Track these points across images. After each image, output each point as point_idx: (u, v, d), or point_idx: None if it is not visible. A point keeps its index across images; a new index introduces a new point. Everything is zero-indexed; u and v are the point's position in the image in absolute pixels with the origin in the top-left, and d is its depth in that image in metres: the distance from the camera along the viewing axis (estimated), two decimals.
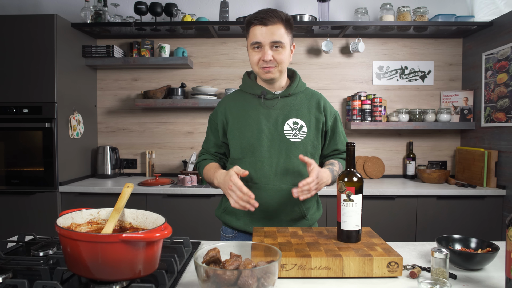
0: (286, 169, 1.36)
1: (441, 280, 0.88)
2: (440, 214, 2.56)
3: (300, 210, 1.39)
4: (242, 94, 1.46)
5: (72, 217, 0.98)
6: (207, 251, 0.86)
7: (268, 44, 1.28)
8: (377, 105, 2.89)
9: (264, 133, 1.36)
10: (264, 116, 1.38)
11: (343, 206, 1.06)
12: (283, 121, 1.37)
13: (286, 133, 1.37)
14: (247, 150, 1.37)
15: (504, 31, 2.55)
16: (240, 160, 1.39)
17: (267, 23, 1.27)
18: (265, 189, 1.36)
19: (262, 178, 1.36)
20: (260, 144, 1.36)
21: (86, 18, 2.89)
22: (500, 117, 2.58)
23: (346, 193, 1.05)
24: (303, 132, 1.38)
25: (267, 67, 1.31)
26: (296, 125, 1.38)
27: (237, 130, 1.40)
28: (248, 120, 1.39)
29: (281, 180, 1.36)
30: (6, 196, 2.60)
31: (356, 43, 2.96)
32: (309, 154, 1.38)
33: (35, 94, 2.57)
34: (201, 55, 3.16)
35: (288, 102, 1.40)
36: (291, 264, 0.97)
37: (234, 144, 1.40)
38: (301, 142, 1.37)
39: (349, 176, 1.07)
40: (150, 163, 3.14)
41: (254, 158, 1.36)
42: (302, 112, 1.40)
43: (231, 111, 1.43)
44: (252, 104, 1.41)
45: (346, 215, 1.06)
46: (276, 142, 1.36)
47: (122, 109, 3.20)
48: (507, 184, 2.52)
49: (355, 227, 1.07)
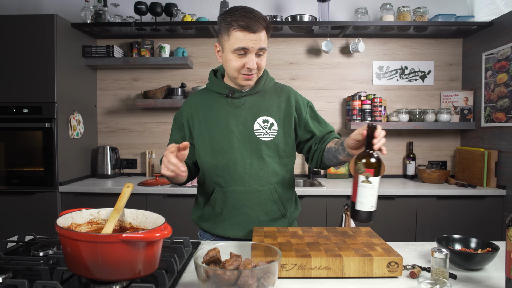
0: (261, 169, 1.32)
1: (441, 280, 0.88)
2: (440, 214, 2.56)
3: (279, 209, 1.36)
4: (209, 93, 1.40)
5: (72, 217, 0.98)
6: (207, 251, 0.86)
7: (255, 52, 1.23)
8: (377, 105, 2.89)
9: (234, 134, 1.32)
10: (233, 116, 1.33)
11: (360, 187, 1.04)
12: (252, 120, 1.33)
13: (256, 132, 1.32)
14: (218, 152, 1.33)
15: (504, 31, 2.55)
16: (210, 164, 1.34)
17: (255, 30, 1.20)
18: (241, 191, 1.32)
19: (237, 181, 1.32)
20: (231, 146, 1.31)
21: (86, 18, 2.89)
22: (500, 117, 2.58)
23: (365, 175, 1.02)
24: (273, 130, 1.33)
25: (249, 75, 1.26)
26: (266, 123, 1.33)
27: (205, 132, 1.34)
28: (216, 121, 1.34)
29: (257, 181, 1.32)
30: (6, 196, 2.60)
31: (356, 43, 2.96)
32: (281, 151, 1.34)
33: (35, 94, 2.57)
34: (201, 55, 3.16)
35: (257, 100, 1.35)
36: (291, 264, 0.97)
37: (204, 147, 1.34)
38: (272, 141, 1.33)
39: (368, 157, 1.04)
40: (150, 163, 3.14)
41: (227, 161, 1.32)
42: (272, 109, 1.35)
43: (198, 111, 1.37)
44: (219, 103, 1.35)
45: (362, 196, 1.04)
46: (247, 142, 1.32)
47: (122, 109, 3.20)
48: (507, 184, 2.52)
49: (370, 208, 1.05)
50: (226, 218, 1.35)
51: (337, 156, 1.26)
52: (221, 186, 1.34)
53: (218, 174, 1.34)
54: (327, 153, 1.32)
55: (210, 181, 1.37)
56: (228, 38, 1.23)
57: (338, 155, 1.26)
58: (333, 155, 1.28)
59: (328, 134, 1.41)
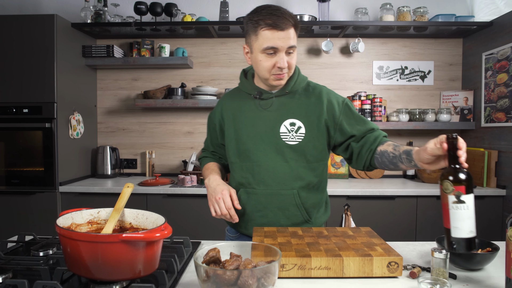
0: (284, 173, 1.30)
1: (441, 280, 0.88)
2: (440, 214, 2.55)
3: (302, 214, 1.33)
4: (239, 93, 1.40)
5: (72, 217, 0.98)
6: (207, 251, 0.86)
7: (285, 50, 1.20)
8: (377, 105, 2.89)
9: (260, 136, 1.30)
10: (260, 118, 1.31)
11: (453, 209, 0.91)
12: (279, 123, 1.30)
13: (282, 135, 1.29)
14: (244, 154, 1.33)
15: (504, 31, 2.55)
16: (238, 164, 1.35)
17: (284, 27, 1.16)
18: (263, 194, 1.31)
19: (260, 183, 1.31)
20: (256, 148, 1.30)
21: (86, 18, 2.89)
22: (500, 117, 2.58)
23: (455, 194, 0.90)
24: (300, 134, 1.29)
25: (280, 74, 1.23)
26: (293, 127, 1.29)
27: (233, 133, 1.35)
28: (244, 122, 1.33)
29: (279, 185, 1.30)
30: (6, 196, 2.60)
31: (356, 43, 2.96)
32: (309, 156, 1.30)
33: (35, 94, 2.57)
34: (201, 55, 3.16)
35: (285, 102, 1.31)
36: (291, 264, 0.97)
37: (231, 148, 1.36)
38: (298, 145, 1.29)
39: (455, 173, 0.91)
40: (150, 163, 3.14)
41: (251, 163, 1.32)
42: (300, 112, 1.30)
43: (227, 112, 1.38)
44: (248, 105, 1.35)
45: (457, 219, 0.90)
46: (273, 145, 1.29)
47: (122, 109, 3.20)
48: (507, 184, 2.52)
49: (469, 234, 0.90)
50: (248, 219, 1.36)
51: (397, 163, 1.18)
52: (245, 187, 1.35)
53: (243, 175, 1.35)
54: (380, 157, 1.23)
55: (236, 180, 1.38)
56: (256, 38, 1.20)
57: (399, 164, 1.17)
58: (391, 161, 1.20)
59: (370, 132, 1.30)
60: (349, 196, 2.53)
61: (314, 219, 1.36)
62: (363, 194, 2.52)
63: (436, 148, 0.98)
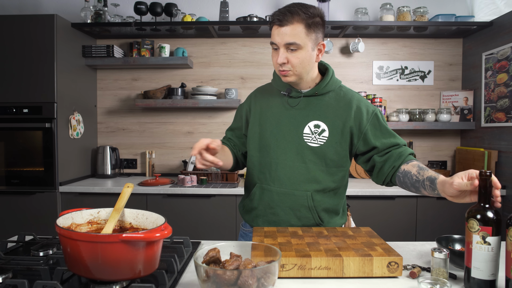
0: (300, 174, 1.29)
1: (441, 280, 0.88)
2: (440, 214, 2.56)
3: (314, 217, 1.31)
4: (271, 88, 1.40)
5: (72, 217, 0.98)
6: (207, 251, 0.86)
7: (283, 46, 1.20)
8: (377, 105, 2.89)
9: (283, 134, 1.30)
10: (286, 116, 1.31)
11: (476, 249, 0.88)
12: (303, 123, 1.29)
13: (305, 136, 1.28)
14: (264, 149, 1.33)
15: (504, 31, 2.55)
16: (257, 158, 1.36)
17: (283, 23, 1.17)
18: (277, 192, 1.31)
19: (275, 181, 1.31)
20: (277, 145, 1.31)
21: (86, 18, 2.89)
22: (500, 117, 2.58)
23: (480, 234, 0.87)
24: (323, 137, 1.27)
25: (283, 71, 1.23)
26: (317, 129, 1.28)
27: (257, 126, 1.36)
28: (270, 118, 1.33)
29: (294, 185, 1.30)
30: (6, 196, 2.60)
31: (356, 43, 2.96)
32: (329, 161, 1.28)
33: (35, 94, 2.57)
34: (201, 55, 3.16)
35: (313, 102, 1.30)
36: (291, 264, 0.97)
37: (253, 141, 1.37)
38: (319, 148, 1.27)
39: (483, 213, 0.88)
40: (150, 163, 3.14)
41: (270, 159, 1.32)
42: (327, 114, 1.28)
43: (256, 105, 1.39)
44: (276, 101, 1.35)
45: (479, 260, 0.88)
46: (294, 145, 1.29)
47: (122, 109, 3.21)
48: (507, 184, 2.52)
49: (490, 276, 0.88)
50: (260, 214, 1.36)
51: (419, 188, 1.14)
52: (261, 182, 1.35)
53: (260, 171, 1.35)
54: (403, 177, 1.19)
55: (253, 175, 1.38)
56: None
57: (422, 189, 1.13)
58: (413, 184, 1.16)
59: (395, 147, 1.27)
60: (349, 196, 2.53)
61: (326, 223, 1.34)
62: (363, 194, 2.52)
63: (464, 184, 0.94)
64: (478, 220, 0.88)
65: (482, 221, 0.87)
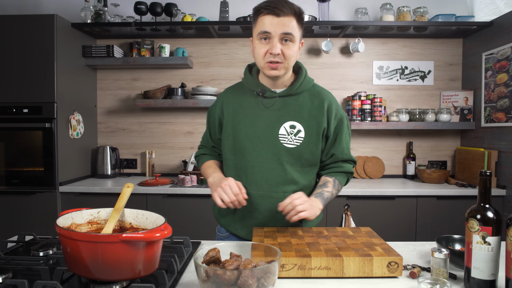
0: (278, 175, 1.27)
1: (441, 280, 0.88)
2: (440, 214, 2.56)
3: None
4: (243, 88, 1.36)
5: (72, 217, 0.98)
6: (207, 251, 0.86)
7: (278, 36, 1.17)
8: (377, 105, 2.90)
9: (258, 136, 1.27)
10: (261, 117, 1.28)
11: (476, 249, 0.88)
12: (278, 124, 1.27)
13: (280, 137, 1.27)
14: (239, 152, 1.30)
15: (504, 31, 2.55)
16: (232, 162, 1.33)
17: (280, 13, 1.16)
18: (255, 195, 1.29)
19: (252, 184, 1.29)
20: (253, 148, 1.28)
21: (86, 18, 2.89)
22: (500, 117, 2.58)
23: (480, 235, 0.88)
24: (299, 138, 1.27)
25: (274, 63, 1.20)
26: (292, 129, 1.27)
27: (231, 129, 1.31)
28: (244, 119, 1.30)
29: (271, 187, 1.28)
30: (6, 196, 2.60)
31: (356, 43, 2.96)
32: (304, 161, 1.29)
33: (35, 94, 2.57)
34: (201, 55, 3.16)
35: (288, 103, 1.28)
36: (291, 264, 0.97)
37: (227, 144, 1.33)
38: (296, 149, 1.27)
39: (483, 213, 0.89)
40: (150, 163, 3.14)
41: (246, 162, 1.29)
42: (302, 115, 1.27)
43: (228, 107, 1.34)
44: (250, 101, 1.31)
45: (479, 260, 0.88)
46: (269, 146, 1.27)
47: (122, 109, 3.20)
48: (507, 184, 2.52)
49: (490, 276, 0.88)
50: (238, 219, 1.35)
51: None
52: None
53: (236, 174, 1.32)
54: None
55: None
56: (256, 25, 1.21)
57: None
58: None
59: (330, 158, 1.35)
60: (349, 196, 2.53)
61: (305, 224, 1.36)
62: (363, 194, 2.52)
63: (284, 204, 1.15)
64: (478, 220, 0.88)
65: (482, 221, 0.88)
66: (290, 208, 1.11)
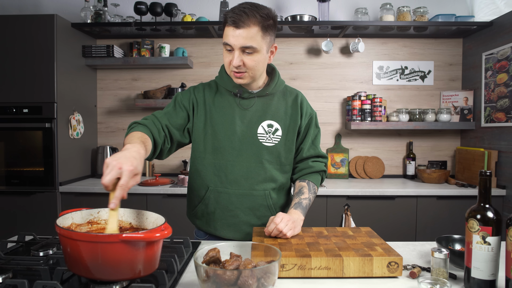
0: (258, 174, 1.30)
1: (441, 280, 0.88)
2: (440, 214, 2.56)
3: (272, 214, 1.33)
4: (217, 86, 1.36)
5: (72, 217, 0.98)
6: (207, 251, 0.86)
7: (238, 49, 1.17)
8: (377, 105, 2.89)
9: (237, 135, 1.29)
10: (239, 116, 1.30)
11: (476, 249, 0.88)
12: (257, 123, 1.30)
13: (259, 136, 1.30)
14: (218, 151, 1.30)
15: (504, 31, 2.55)
16: (209, 161, 1.32)
17: (240, 25, 1.14)
18: (235, 194, 1.30)
19: (232, 183, 1.30)
20: (232, 147, 1.29)
21: (86, 18, 2.89)
22: (500, 117, 2.58)
23: (480, 234, 0.88)
24: (277, 136, 1.31)
25: (238, 72, 1.21)
26: (270, 128, 1.31)
27: (209, 128, 1.31)
28: (222, 119, 1.30)
29: (252, 186, 1.30)
30: (6, 196, 2.60)
31: (356, 43, 2.96)
32: (283, 158, 1.33)
33: (35, 94, 2.57)
34: (201, 55, 3.16)
35: (265, 103, 1.32)
36: (291, 264, 0.97)
37: (205, 143, 1.31)
38: (274, 147, 1.31)
39: (483, 213, 0.89)
40: (150, 163, 3.14)
41: (225, 161, 1.30)
42: (279, 114, 1.32)
43: (205, 104, 1.32)
44: (228, 102, 1.32)
45: (479, 260, 0.88)
46: (248, 145, 1.29)
47: (122, 109, 3.20)
48: (507, 184, 2.52)
49: (490, 276, 0.88)
50: (218, 218, 1.34)
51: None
52: (216, 185, 1.32)
53: (214, 173, 1.32)
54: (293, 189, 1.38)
55: (205, 178, 1.34)
56: (223, 33, 1.21)
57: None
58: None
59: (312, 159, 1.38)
60: (349, 196, 2.53)
61: None
62: (363, 194, 2.52)
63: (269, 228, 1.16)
64: (478, 220, 0.89)
65: (482, 221, 0.88)
66: (276, 233, 1.13)
